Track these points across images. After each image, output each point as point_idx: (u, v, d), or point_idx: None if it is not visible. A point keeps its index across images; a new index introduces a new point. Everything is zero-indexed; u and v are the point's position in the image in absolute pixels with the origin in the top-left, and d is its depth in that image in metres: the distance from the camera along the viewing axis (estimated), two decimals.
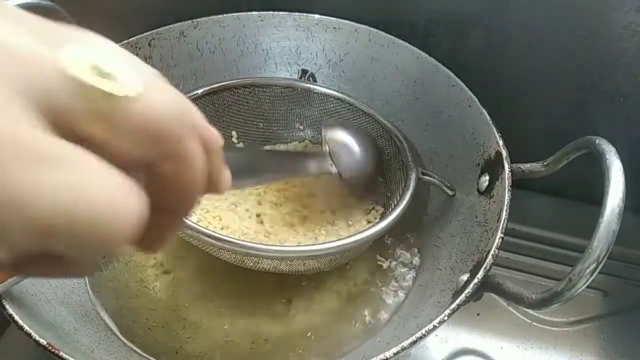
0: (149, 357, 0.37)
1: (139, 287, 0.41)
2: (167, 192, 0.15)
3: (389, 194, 0.44)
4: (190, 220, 0.35)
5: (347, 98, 0.47)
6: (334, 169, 0.41)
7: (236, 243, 0.34)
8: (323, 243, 0.35)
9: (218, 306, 0.41)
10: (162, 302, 0.41)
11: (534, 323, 0.47)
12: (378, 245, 0.43)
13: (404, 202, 0.38)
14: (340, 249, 0.35)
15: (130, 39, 0.46)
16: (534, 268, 0.51)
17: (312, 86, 0.48)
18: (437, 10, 0.48)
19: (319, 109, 0.48)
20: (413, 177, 0.40)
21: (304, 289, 0.42)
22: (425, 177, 0.41)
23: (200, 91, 0.45)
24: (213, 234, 0.34)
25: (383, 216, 0.39)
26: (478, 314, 0.47)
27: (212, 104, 0.46)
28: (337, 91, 0.47)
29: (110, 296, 0.40)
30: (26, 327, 0.29)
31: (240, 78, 0.47)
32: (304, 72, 0.51)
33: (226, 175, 0.18)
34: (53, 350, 0.28)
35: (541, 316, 0.47)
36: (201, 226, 0.35)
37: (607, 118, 0.50)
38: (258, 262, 0.36)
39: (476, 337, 0.46)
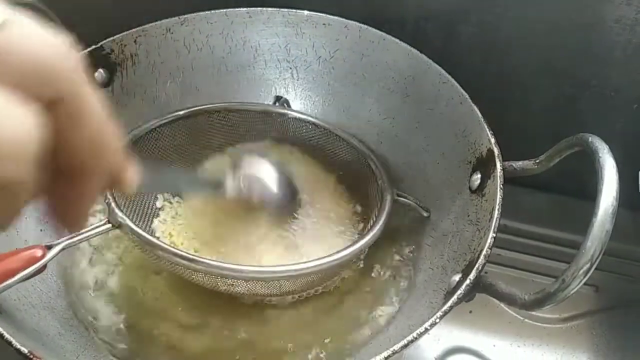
0: None
1: (126, 290, 0.41)
2: (68, 148, 0.14)
3: (365, 217, 0.44)
4: (162, 242, 0.35)
5: (322, 123, 0.47)
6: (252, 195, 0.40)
7: (208, 264, 0.33)
8: (290, 265, 0.35)
9: (205, 311, 0.40)
10: (150, 305, 0.40)
11: (526, 320, 0.47)
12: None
13: (380, 223, 0.39)
14: (309, 270, 0.35)
15: (116, 36, 0.45)
16: (526, 264, 0.51)
17: (286, 111, 0.48)
18: (427, 6, 0.48)
19: (294, 133, 0.48)
20: (388, 199, 0.41)
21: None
22: (400, 198, 0.42)
23: (168, 117, 0.44)
24: (183, 253, 0.34)
25: (359, 237, 0.40)
26: (470, 312, 0.47)
27: (186, 128, 0.45)
28: (312, 116, 0.47)
29: (97, 300, 0.40)
30: (7, 335, 0.28)
31: (213, 103, 0.47)
32: (278, 98, 0.51)
33: (131, 164, 0.18)
34: (35, 358, 0.27)
35: (533, 313, 0.47)
36: (171, 246, 0.35)
37: (598, 113, 0.50)
38: (232, 285, 0.36)
39: (469, 335, 0.46)
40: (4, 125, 0.12)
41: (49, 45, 0.14)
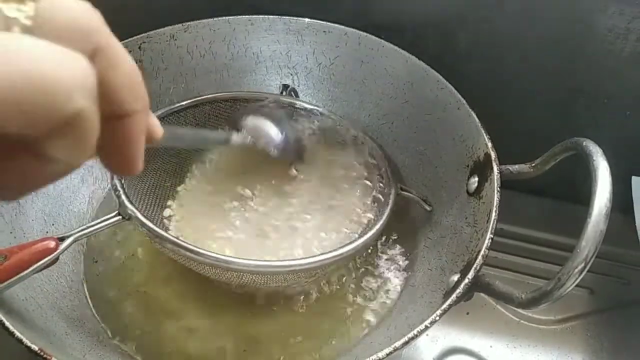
0: None
1: (131, 290, 0.41)
2: (110, 92, 0.16)
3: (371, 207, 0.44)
4: (171, 235, 0.35)
5: (328, 113, 0.47)
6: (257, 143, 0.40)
7: (216, 257, 0.34)
8: (295, 259, 0.35)
9: (211, 308, 0.40)
10: (156, 304, 0.41)
11: (522, 321, 0.48)
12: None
13: (383, 217, 0.39)
14: (314, 265, 0.35)
15: (120, 42, 0.46)
16: (522, 267, 0.52)
17: (294, 101, 0.48)
18: (425, 14, 0.49)
19: (301, 124, 0.48)
20: (392, 192, 0.41)
21: (294, 289, 0.42)
22: (403, 192, 0.42)
23: (176, 106, 0.45)
24: (190, 247, 0.34)
25: (364, 230, 0.40)
26: (467, 313, 0.48)
27: (192, 117, 0.46)
28: (318, 106, 0.48)
29: (103, 300, 0.40)
30: (17, 333, 0.28)
31: (222, 92, 0.47)
32: (285, 86, 0.51)
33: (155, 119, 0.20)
34: (45, 356, 0.27)
35: (529, 314, 0.48)
36: (179, 239, 0.35)
37: (592, 119, 0.50)
38: (238, 277, 0.36)
39: (466, 336, 0.47)
40: (67, 63, 0.14)
41: (81, 7, 0.16)
